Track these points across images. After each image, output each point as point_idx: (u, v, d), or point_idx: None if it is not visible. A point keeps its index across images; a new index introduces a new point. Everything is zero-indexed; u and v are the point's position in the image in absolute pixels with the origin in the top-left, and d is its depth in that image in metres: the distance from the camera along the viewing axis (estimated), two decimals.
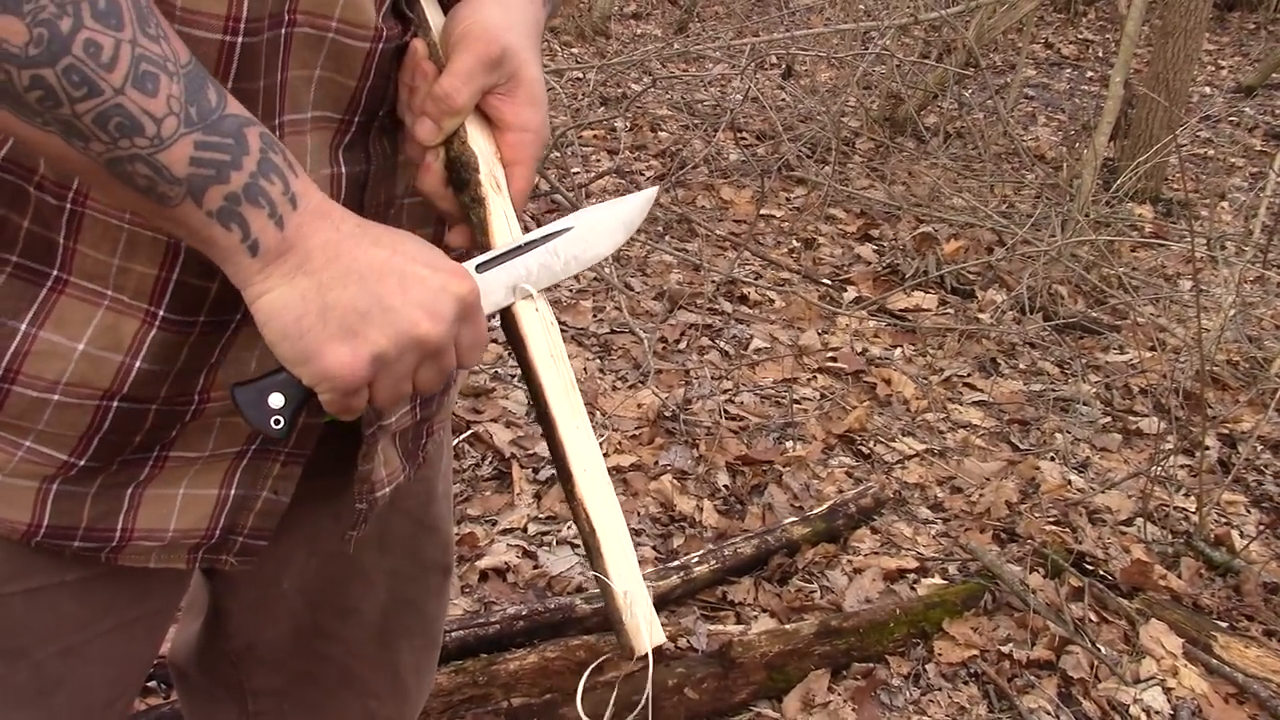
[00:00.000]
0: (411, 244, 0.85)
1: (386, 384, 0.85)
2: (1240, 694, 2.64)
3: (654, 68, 6.66)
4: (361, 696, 1.29)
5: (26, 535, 0.93)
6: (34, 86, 0.71)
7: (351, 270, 0.81)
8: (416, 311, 0.82)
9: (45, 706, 1.02)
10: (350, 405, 0.85)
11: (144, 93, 0.73)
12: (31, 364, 0.87)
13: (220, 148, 0.76)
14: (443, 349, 0.85)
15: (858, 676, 2.57)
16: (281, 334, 0.81)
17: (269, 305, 0.81)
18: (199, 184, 0.76)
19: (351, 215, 0.84)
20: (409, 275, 0.83)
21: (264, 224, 0.79)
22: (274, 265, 0.80)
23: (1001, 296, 4.75)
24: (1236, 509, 3.50)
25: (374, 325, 0.81)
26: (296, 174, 0.80)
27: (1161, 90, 6.01)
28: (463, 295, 0.85)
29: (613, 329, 4.04)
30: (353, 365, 0.81)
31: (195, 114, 0.75)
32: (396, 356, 0.83)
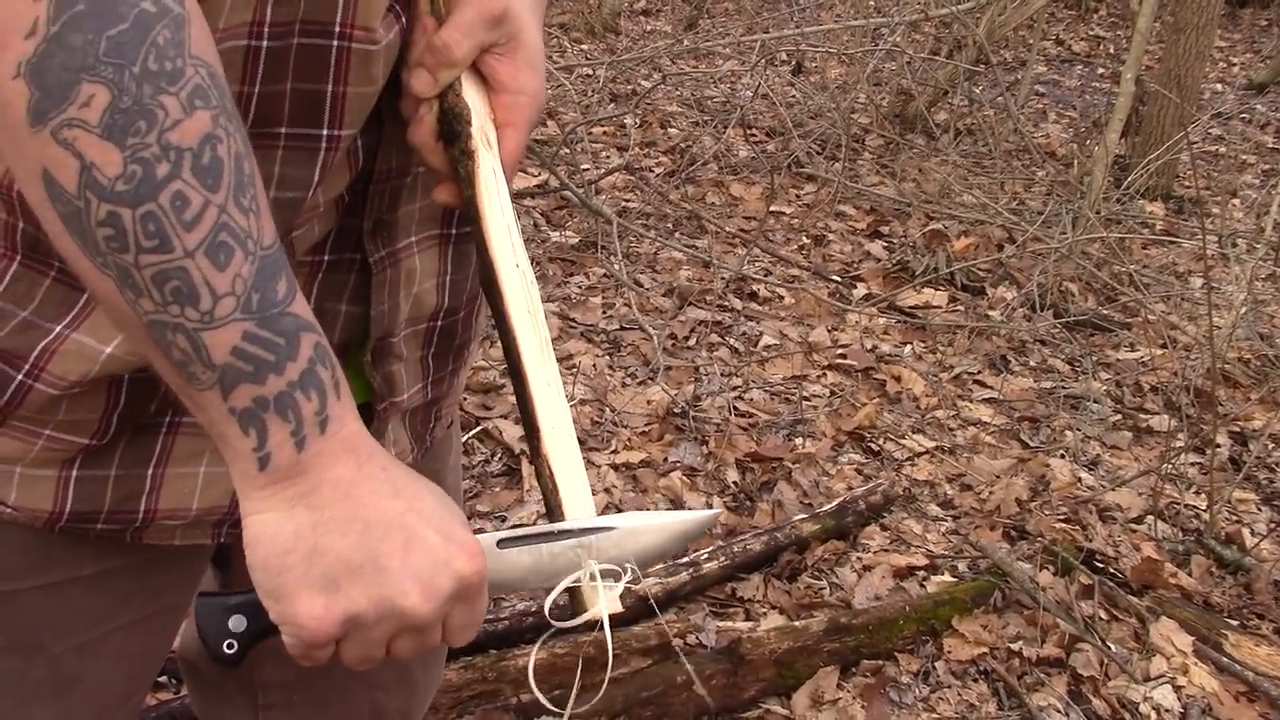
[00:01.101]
0: (432, 502, 0.80)
1: (357, 645, 0.79)
2: (1251, 692, 2.64)
3: (664, 64, 6.65)
4: (370, 689, 1.29)
5: (50, 522, 0.92)
6: (107, 224, 0.67)
7: (357, 517, 0.76)
8: (410, 581, 0.77)
9: (62, 703, 1.02)
10: (312, 656, 0.79)
11: (214, 264, 0.69)
12: (57, 363, 0.86)
13: (269, 345, 0.72)
14: (427, 626, 0.79)
15: (867, 674, 2.57)
16: (262, 563, 0.76)
17: (259, 527, 0.76)
18: (232, 377, 0.72)
19: (381, 454, 0.79)
20: (416, 538, 0.78)
21: (283, 440, 0.74)
22: (278, 487, 0.75)
23: (1012, 293, 4.74)
24: (1247, 507, 3.49)
25: (360, 583, 0.76)
26: (339, 396, 0.76)
27: (1173, 87, 5.99)
28: (465, 576, 0.79)
29: (622, 326, 4.04)
30: (323, 620, 0.76)
31: (256, 302, 0.71)
32: (374, 622, 0.77)
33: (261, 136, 0.82)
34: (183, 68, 0.68)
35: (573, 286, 4.30)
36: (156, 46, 0.67)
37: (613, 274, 4.32)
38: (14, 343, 0.86)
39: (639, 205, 5.12)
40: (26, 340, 0.86)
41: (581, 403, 3.48)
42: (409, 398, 1.07)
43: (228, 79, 0.78)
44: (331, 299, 0.96)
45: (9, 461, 0.90)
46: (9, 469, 0.90)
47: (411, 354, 1.04)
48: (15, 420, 0.89)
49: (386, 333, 0.98)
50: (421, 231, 0.99)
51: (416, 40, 0.87)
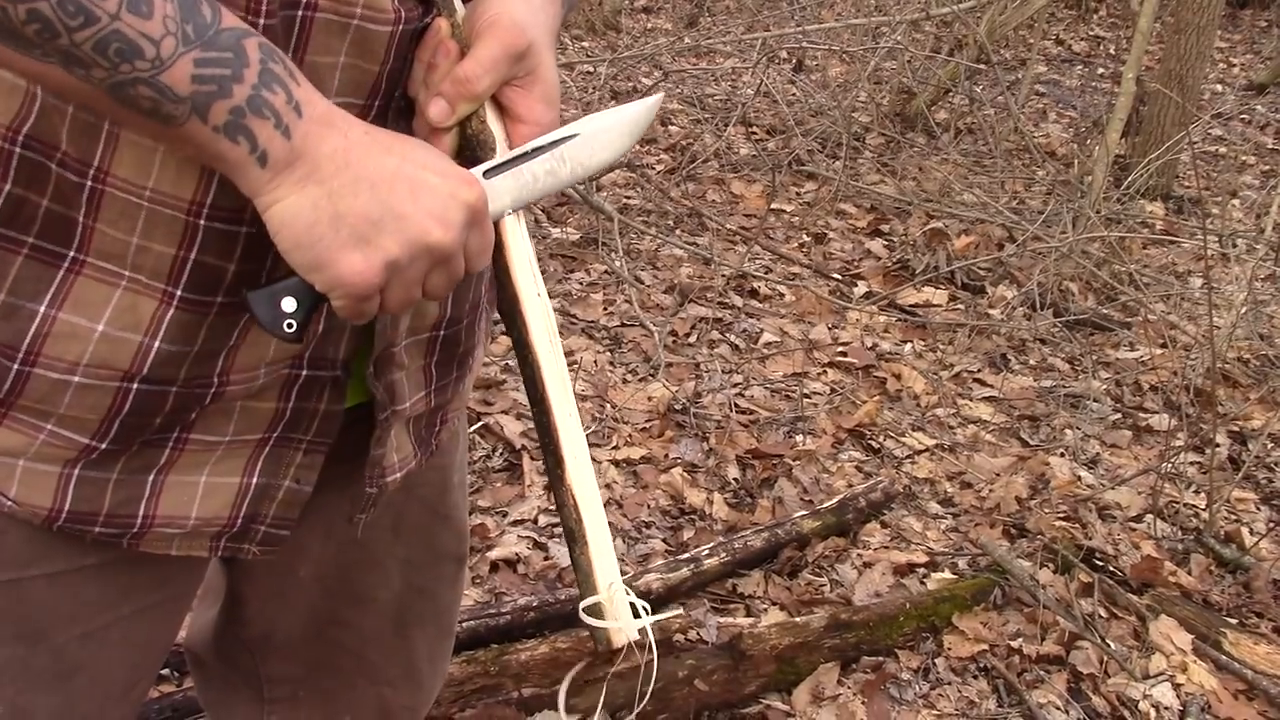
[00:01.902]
0: (420, 151, 0.86)
1: (398, 290, 0.85)
2: (1249, 690, 2.65)
3: (665, 62, 6.65)
4: (376, 684, 1.30)
5: (48, 520, 0.93)
6: (31, 20, 0.71)
7: (362, 178, 0.81)
8: (427, 219, 0.83)
9: (65, 690, 1.02)
10: (362, 310, 0.85)
11: (139, 15, 0.73)
12: (51, 345, 0.87)
13: (220, 63, 0.76)
14: (453, 255, 0.85)
15: (867, 670, 2.58)
16: (294, 242, 0.82)
17: (281, 214, 0.81)
18: (202, 101, 0.76)
19: (358, 122, 0.84)
20: (419, 183, 0.83)
21: (270, 134, 0.78)
22: (284, 174, 0.80)
23: (1012, 292, 4.74)
24: (1246, 506, 3.49)
25: (386, 233, 0.82)
26: (299, 82, 0.80)
27: (1174, 87, 6.00)
28: (471, 202, 0.85)
29: (623, 322, 4.04)
30: (366, 273, 0.82)
31: (192, 31, 0.75)
32: (408, 263, 0.84)
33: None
34: None
35: (574, 283, 4.30)
36: None
37: (614, 271, 4.32)
38: (3, 332, 0.87)
39: (640, 202, 5.12)
40: (14, 328, 0.87)
41: (582, 399, 3.48)
42: (411, 405, 1.07)
43: None
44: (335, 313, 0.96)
45: (12, 454, 0.91)
46: (12, 461, 0.91)
47: (414, 363, 1.05)
48: (18, 411, 0.90)
49: (389, 343, 1.00)
50: None
51: (439, 64, 0.88)
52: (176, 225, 0.87)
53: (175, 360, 0.91)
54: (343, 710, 1.30)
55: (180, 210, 0.86)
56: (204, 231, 0.87)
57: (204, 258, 0.88)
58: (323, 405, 1.01)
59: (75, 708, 1.04)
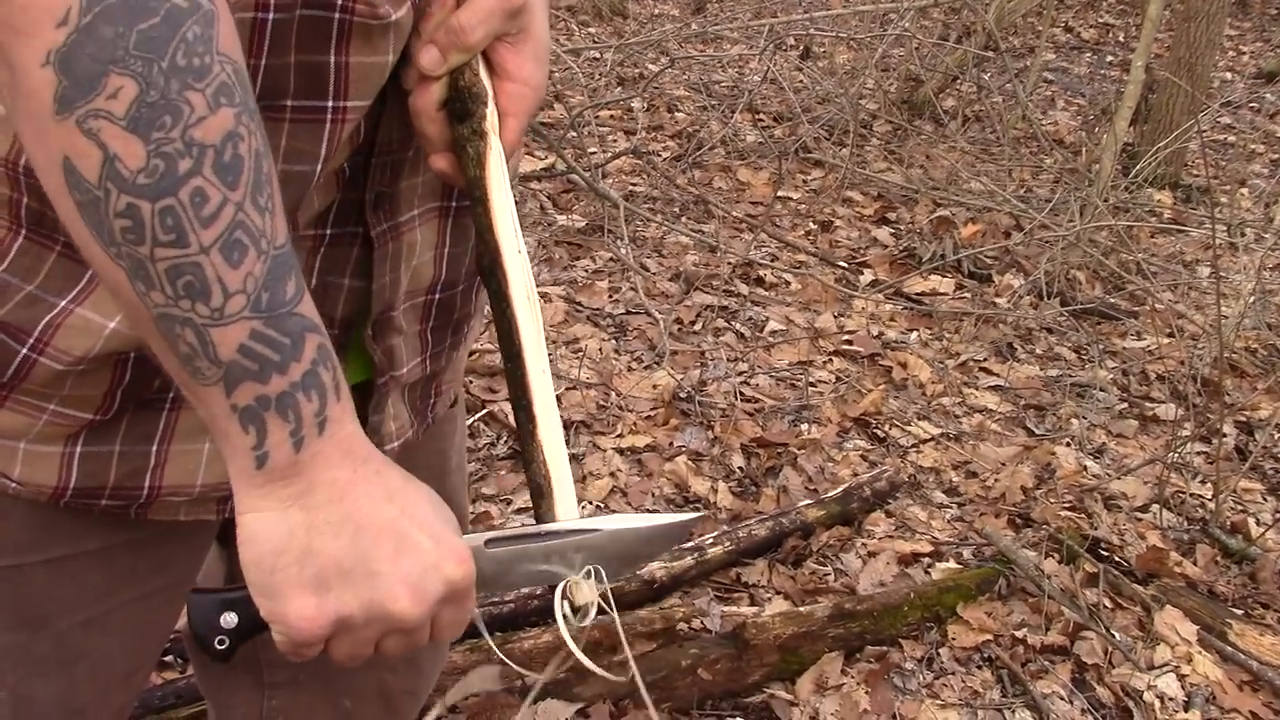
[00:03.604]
0: (425, 507, 0.82)
1: (345, 644, 0.81)
2: (1254, 681, 2.64)
3: (671, 48, 6.63)
4: (376, 670, 1.29)
5: (55, 496, 0.93)
6: (125, 215, 0.68)
7: (350, 519, 0.77)
8: (399, 586, 0.78)
9: (66, 676, 1.02)
10: (300, 654, 0.81)
11: (228, 261, 0.70)
12: (62, 338, 0.86)
13: (274, 344, 0.73)
14: (416, 628, 0.81)
15: (871, 659, 2.57)
16: (255, 561, 0.77)
17: (253, 526, 0.77)
18: (236, 374, 0.72)
19: (377, 457, 0.81)
20: (408, 542, 0.79)
21: (282, 439, 0.75)
22: (274, 486, 0.76)
23: (1019, 281, 4.73)
24: (1253, 496, 3.48)
25: (351, 586, 0.77)
26: (339, 398, 0.77)
27: (1183, 75, 5.97)
28: (454, 580, 0.81)
29: (628, 310, 4.04)
30: (313, 620, 0.78)
31: (266, 301, 0.72)
32: (363, 624, 0.79)
33: (269, 109, 0.82)
34: (210, 64, 0.68)
35: (579, 270, 4.29)
36: (185, 42, 0.67)
37: (619, 258, 4.31)
38: (18, 316, 0.86)
39: (646, 189, 5.11)
40: (30, 314, 0.86)
41: (587, 386, 3.48)
42: (408, 372, 1.06)
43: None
44: (334, 273, 0.96)
45: (13, 436, 0.91)
46: (13, 444, 0.91)
47: (410, 328, 1.04)
48: (20, 395, 0.89)
49: (387, 306, 0.99)
50: (423, 205, 0.99)
51: (433, 13, 0.87)
52: None
53: None
54: (343, 695, 1.30)
55: None
56: None
57: None
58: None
59: (77, 694, 1.04)
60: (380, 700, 1.31)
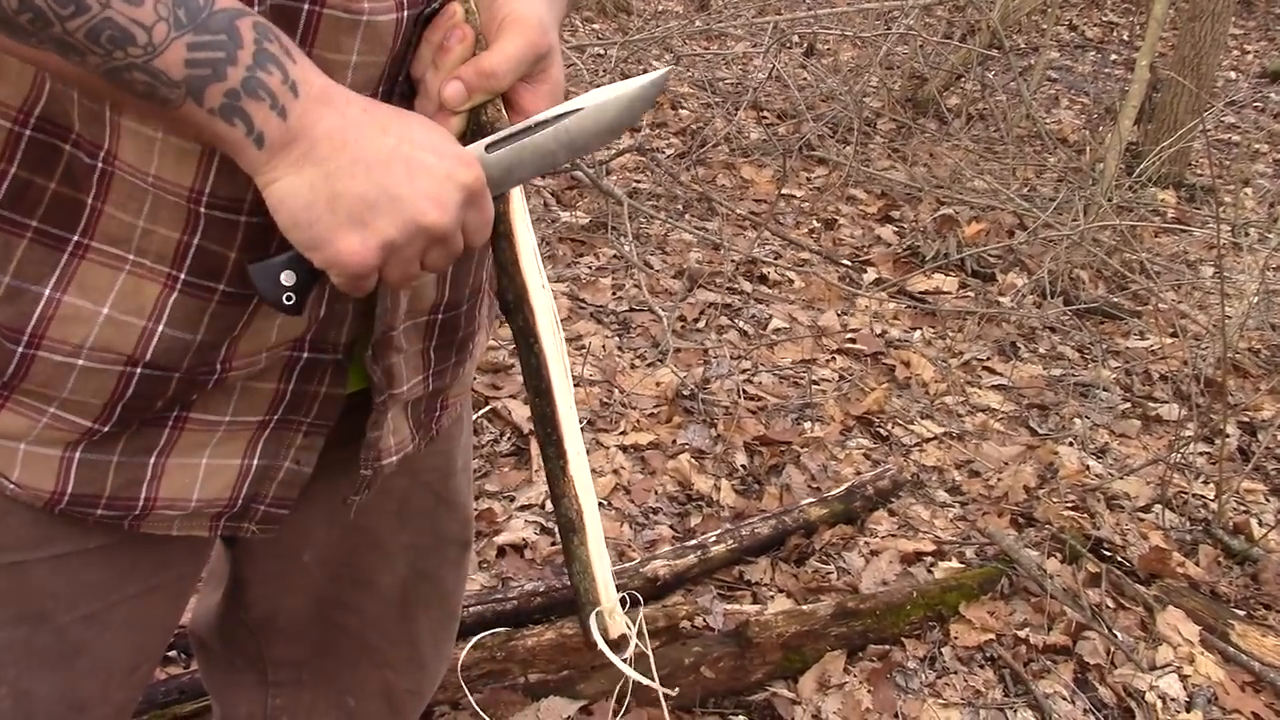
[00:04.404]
0: (419, 129, 0.86)
1: (396, 267, 0.86)
2: (1257, 682, 2.64)
3: (676, 45, 6.63)
4: (380, 668, 1.30)
5: (50, 503, 0.93)
6: (22, 9, 0.71)
7: (359, 159, 0.82)
8: (423, 200, 0.83)
9: (68, 671, 1.03)
10: (360, 287, 0.86)
11: (129, 3, 0.73)
12: (56, 328, 0.87)
13: (213, 45, 0.76)
14: (450, 234, 0.86)
15: (874, 658, 2.57)
16: (292, 221, 0.82)
17: (279, 193, 0.81)
18: (197, 84, 0.76)
19: (356, 98, 0.84)
20: (416, 163, 0.84)
21: (266, 116, 0.79)
22: (280, 155, 0.80)
23: (1022, 280, 4.72)
24: (1256, 497, 3.48)
25: (382, 214, 0.82)
26: (295, 60, 0.80)
27: (1187, 74, 5.96)
28: (468, 182, 0.86)
29: (632, 307, 4.04)
30: (362, 253, 0.83)
31: (184, 15, 0.75)
32: (405, 243, 0.84)
33: None
34: None
35: (582, 267, 4.29)
36: None
37: (623, 255, 4.31)
38: (7, 314, 0.87)
39: (649, 186, 5.11)
40: (19, 310, 0.87)
41: (590, 384, 3.48)
42: (409, 389, 1.07)
43: None
44: (342, 299, 0.97)
45: (14, 437, 0.91)
46: (13, 445, 0.91)
47: (412, 346, 1.05)
48: (21, 395, 0.90)
49: (388, 327, 1.00)
50: None
51: (452, 48, 0.88)
52: (180, 210, 0.87)
53: (179, 349, 0.91)
54: (346, 693, 1.31)
55: (181, 197, 0.86)
56: (205, 218, 0.87)
57: (206, 243, 0.88)
58: (323, 388, 1.01)
59: (78, 689, 1.05)
60: (383, 699, 1.32)
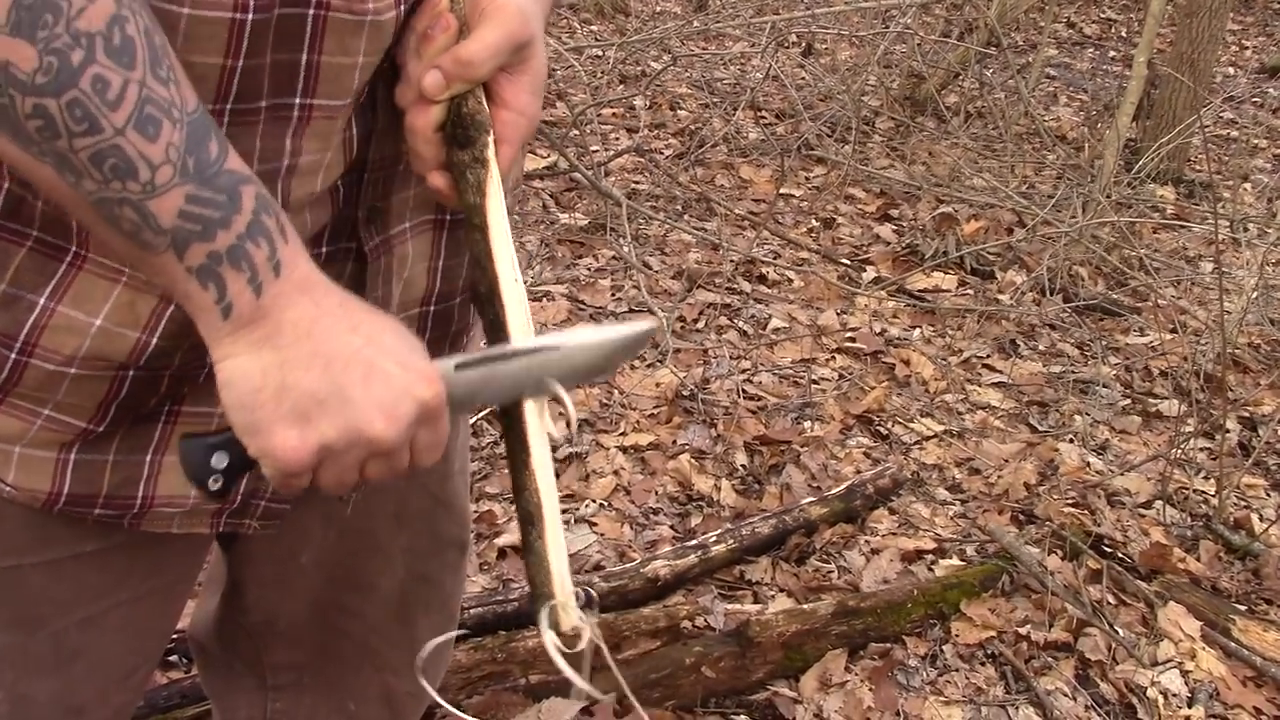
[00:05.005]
0: (390, 336, 0.84)
1: (331, 471, 0.83)
2: (1258, 677, 2.64)
3: (674, 45, 6.62)
4: (380, 671, 1.30)
5: (48, 504, 0.93)
6: (35, 115, 0.69)
7: (319, 353, 0.80)
8: (373, 410, 0.81)
9: (65, 676, 1.03)
10: (290, 484, 0.84)
11: (145, 137, 0.71)
12: (49, 338, 0.87)
13: (211, 204, 0.75)
14: (394, 450, 0.83)
15: (875, 657, 2.57)
16: (237, 403, 0.80)
17: (229, 371, 0.80)
18: (183, 238, 0.75)
19: (335, 290, 0.83)
20: (376, 370, 0.81)
21: (241, 288, 0.77)
22: (243, 332, 0.79)
23: (1021, 277, 4.72)
24: (1256, 492, 3.48)
25: (327, 415, 0.80)
26: (287, 240, 0.79)
27: (1185, 70, 5.96)
28: (426, 400, 0.83)
29: (631, 308, 4.04)
30: (298, 451, 0.80)
31: (192, 165, 0.74)
32: (344, 449, 0.82)
33: (243, 113, 0.83)
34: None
35: (581, 268, 4.29)
36: None
37: (621, 256, 4.31)
38: (2, 321, 0.87)
39: (648, 187, 5.11)
40: (13, 317, 0.86)
41: (590, 385, 3.48)
42: None
43: (208, 51, 0.78)
44: None
45: (8, 440, 0.91)
46: (8, 448, 0.91)
47: None
48: (14, 399, 0.90)
49: None
50: (416, 217, 0.99)
51: (435, 38, 0.87)
52: None
53: (170, 351, 0.90)
54: (346, 697, 1.31)
55: None
56: None
57: None
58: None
59: (75, 693, 1.05)
60: (384, 702, 1.32)
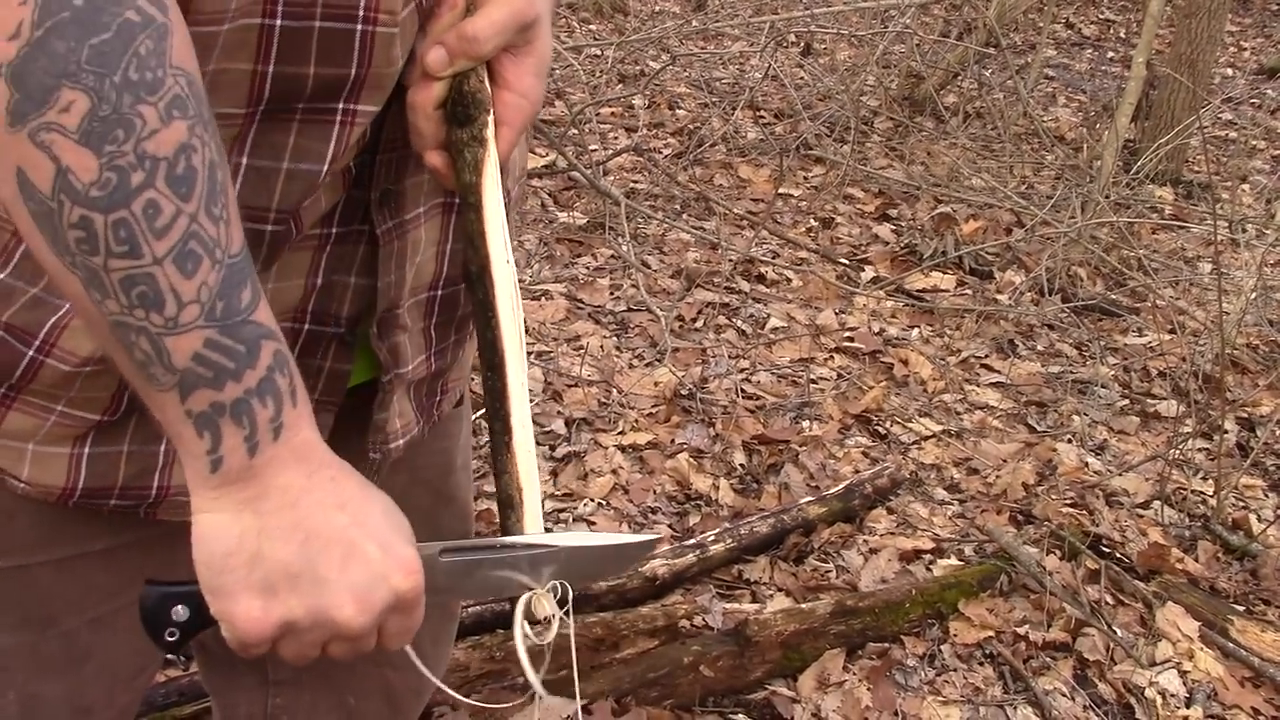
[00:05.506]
0: (376, 516, 0.82)
1: (291, 646, 0.82)
2: (1256, 677, 2.64)
3: (672, 45, 6.63)
4: (379, 667, 1.30)
5: (63, 497, 0.93)
6: (79, 227, 0.68)
7: (300, 526, 0.78)
8: (345, 595, 0.79)
9: (75, 676, 1.03)
10: (248, 651, 0.82)
11: (181, 272, 0.70)
12: (67, 338, 0.86)
13: (229, 353, 0.74)
14: (360, 636, 0.82)
15: (873, 656, 2.58)
16: (206, 560, 0.79)
17: (206, 526, 0.78)
18: (191, 382, 0.73)
19: (332, 463, 0.81)
20: (356, 551, 0.80)
21: (236, 445, 0.76)
22: (228, 489, 0.77)
23: (1020, 278, 4.73)
24: (1254, 493, 3.48)
25: (297, 593, 0.78)
26: (295, 403, 0.78)
27: (1184, 71, 5.96)
28: (402, 591, 0.82)
29: (630, 307, 4.04)
30: (259, 624, 0.79)
31: (220, 310, 0.73)
32: (307, 629, 0.80)
33: (279, 112, 0.82)
34: (163, 78, 0.69)
35: (580, 267, 4.29)
36: (138, 56, 0.67)
37: (620, 255, 4.32)
38: (24, 319, 0.86)
39: (647, 186, 5.11)
40: (36, 316, 0.86)
41: (589, 384, 3.48)
42: (414, 369, 1.06)
43: (239, 58, 0.78)
44: (341, 272, 0.96)
45: (21, 438, 0.91)
46: (21, 445, 0.91)
47: (415, 324, 1.04)
48: (28, 395, 0.89)
49: (392, 304, 0.99)
50: (429, 201, 0.99)
51: (442, 15, 0.86)
52: None
53: None
54: (346, 693, 1.30)
55: None
56: None
57: None
58: (328, 363, 1.00)
59: (84, 693, 1.05)
60: (384, 698, 1.32)
